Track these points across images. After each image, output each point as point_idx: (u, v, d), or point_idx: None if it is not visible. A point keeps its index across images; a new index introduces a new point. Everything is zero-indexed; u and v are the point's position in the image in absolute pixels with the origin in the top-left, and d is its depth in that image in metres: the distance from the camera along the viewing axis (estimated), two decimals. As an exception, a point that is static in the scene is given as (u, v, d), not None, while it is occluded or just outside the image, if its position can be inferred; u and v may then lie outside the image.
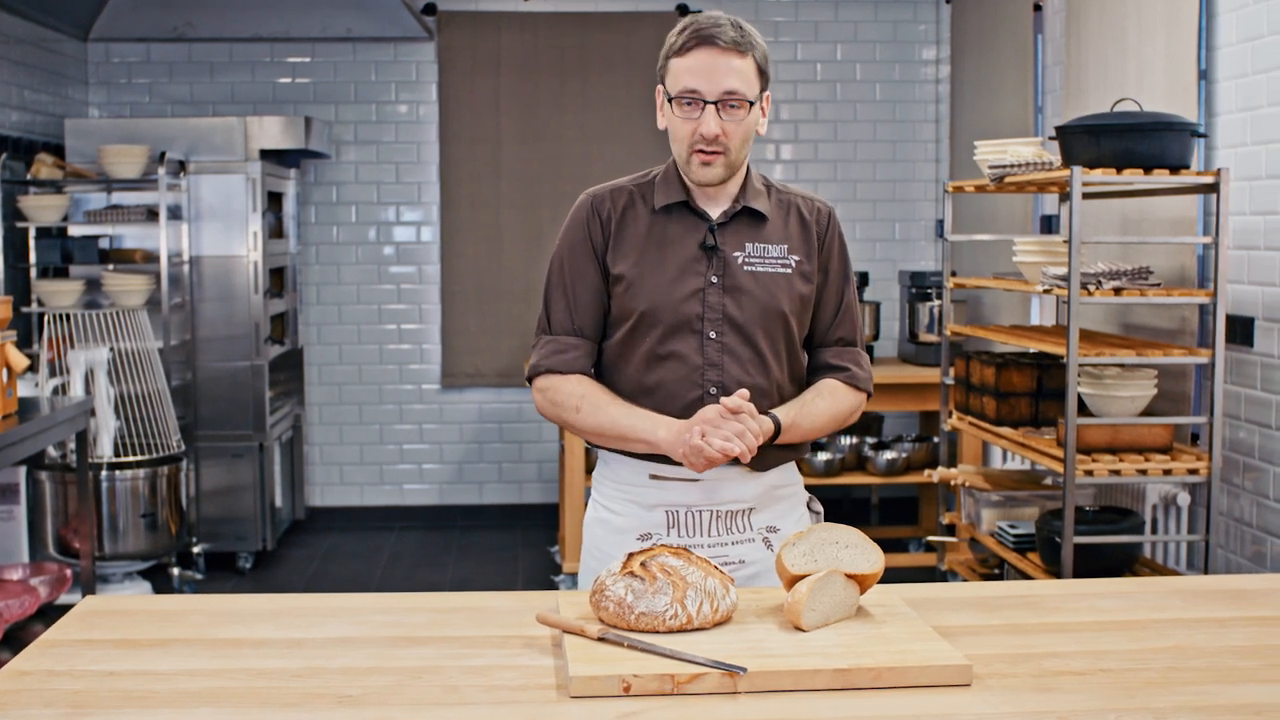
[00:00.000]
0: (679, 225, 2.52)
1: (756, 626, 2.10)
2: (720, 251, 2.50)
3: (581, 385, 2.52)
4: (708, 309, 2.48)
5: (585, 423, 2.50)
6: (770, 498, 2.58)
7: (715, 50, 2.40)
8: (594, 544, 2.62)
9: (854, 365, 2.62)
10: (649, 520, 2.54)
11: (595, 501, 2.65)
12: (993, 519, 4.74)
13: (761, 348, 2.50)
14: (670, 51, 2.46)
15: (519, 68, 7.19)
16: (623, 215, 2.54)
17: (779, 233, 2.55)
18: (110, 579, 5.62)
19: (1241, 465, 4.40)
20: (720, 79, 2.40)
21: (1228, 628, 2.18)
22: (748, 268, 2.50)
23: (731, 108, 2.42)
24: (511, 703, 1.86)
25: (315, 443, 7.36)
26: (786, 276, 2.52)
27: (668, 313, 2.48)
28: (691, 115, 2.43)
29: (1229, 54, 4.40)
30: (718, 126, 2.41)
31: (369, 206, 7.31)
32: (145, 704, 1.86)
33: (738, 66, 2.41)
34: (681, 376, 2.49)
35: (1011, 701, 1.87)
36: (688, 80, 2.41)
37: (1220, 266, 3.96)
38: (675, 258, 2.50)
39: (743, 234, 2.52)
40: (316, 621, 2.23)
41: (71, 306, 5.88)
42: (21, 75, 6.18)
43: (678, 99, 2.43)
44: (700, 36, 2.41)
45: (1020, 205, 5.95)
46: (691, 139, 2.44)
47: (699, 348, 2.49)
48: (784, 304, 2.51)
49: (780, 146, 7.39)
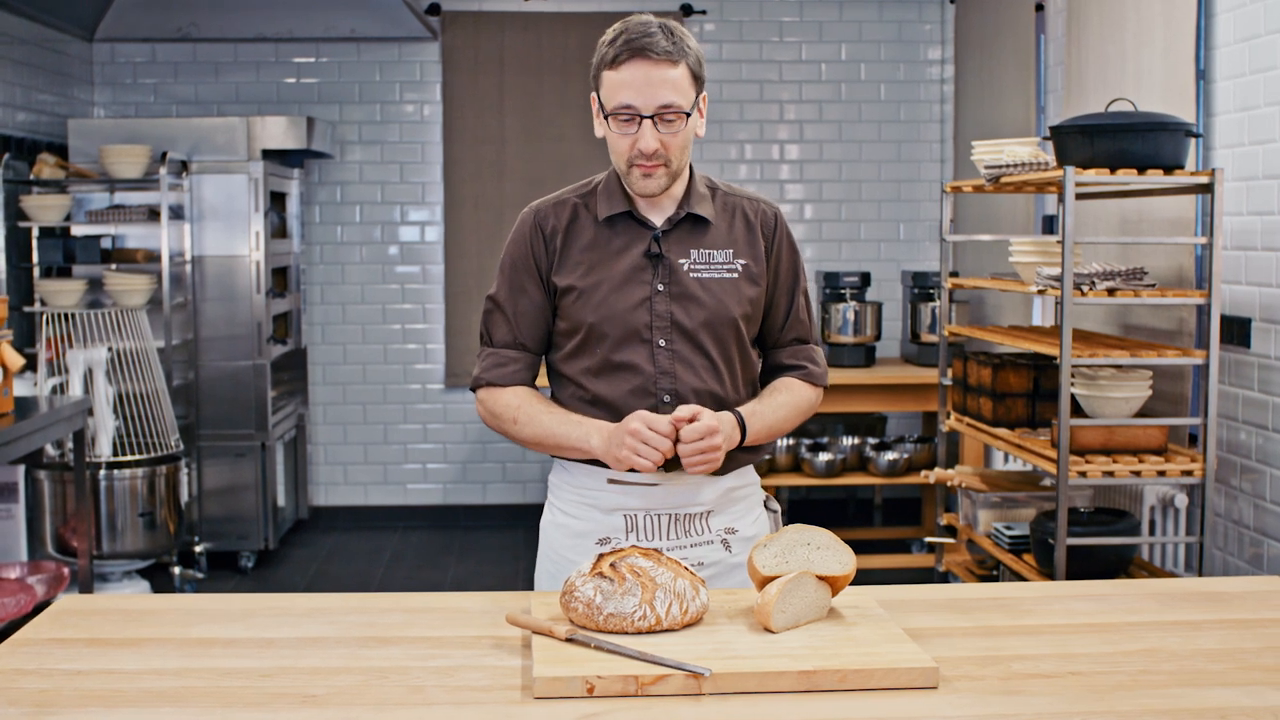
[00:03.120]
0: (623, 235, 2.51)
1: (726, 628, 2.10)
2: (665, 259, 2.49)
3: (518, 396, 2.53)
4: (656, 317, 2.48)
5: (523, 433, 2.51)
6: (728, 499, 2.58)
7: (648, 63, 2.36)
8: (550, 548, 2.63)
9: (809, 363, 2.64)
10: (607, 524, 2.54)
11: (552, 505, 2.65)
12: (989, 520, 4.72)
13: (712, 353, 2.50)
14: (603, 63, 2.41)
15: (523, 68, 7.19)
16: (567, 228, 2.53)
17: (724, 237, 2.54)
18: (109, 578, 5.63)
19: (1239, 467, 4.37)
20: (655, 93, 2.36)
21: (1201, 630, 2.17)
22: (694, 274, 2.50)
23: (668, 120, 2.38)
24: (474, 703, 1.86)
25: (319, 442, 7.37)
26: (734, 281, 2.51)
27: (616, 323, 2.48)
28: (628, 130, 2.39)
29: (1226, 54, 4.38)
30: (656, 141, 2.38)
31: (373, 206, 7.32)
32: (109, 703, 1.86)
33: (672, 77, 2.37)
34: (635, 386, 2.49)
35: (977, 704, 1.86)
36: (622, 95, 2.37)
37: (1215, 267, 3.94)
38: (621, 267, 2.49)
39: (687, 240, 2.51)
40: (289, 621, 2.23)
41: (74, 306, 5.90)
42: (26, 76, 6.20)
43: (614, 114, 2.39)
44: (632, 48, 2.36)
45: (1023, 206, 5.93)
46: (630, 153, 2.41)
47: (650, 357, 2.48)
48: (733, 308, 2.50)
49: (785, 146, 7.38)
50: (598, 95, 2.45)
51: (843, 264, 7.36)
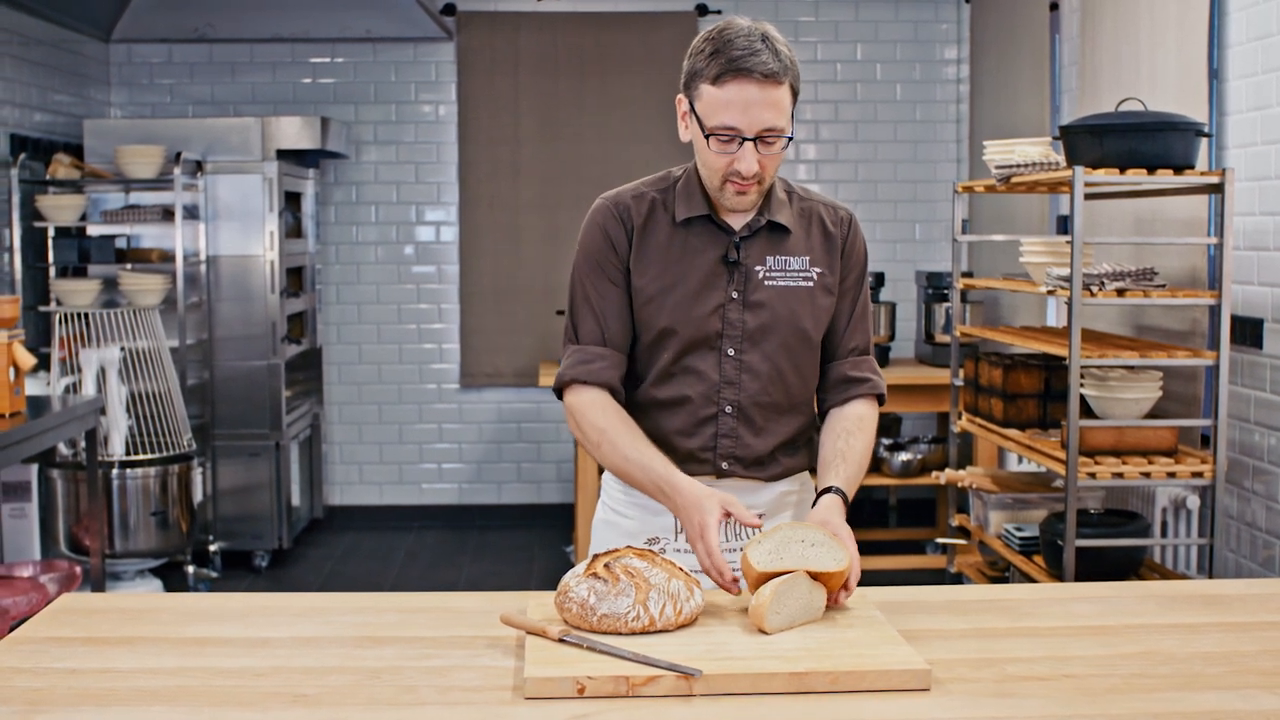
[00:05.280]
0: (700, 238, 2.43)
1: (720, 629, 2.09)
2: (742, 266, 2.42)
3: (605, 418, 2.43)
4: (728, 325, 2.42)
5: (605, 460, 2.44)
6: (780, 504, 2.54)
7: (753, 83, 2.24)
8: (602, 546, 2.57)
9: (872, 374, 2.55)
10: (657, 525, 2.50)
11: (604, 503, 2.61)
12: (1000, 521, 4.70)
13: (781, 364, 2.44)
14: (703, 76, 2.29)
15: (538, 68, 7.20)
16: (645, 223, 2.45)
17: (801, 245, 2.46)
18: (122, 577, 5.66)
19: (1251, 469, 4.35)
20: (758, 115, 2.26)
21: (1199, 633, 2.15)
22: (769, 282, 2.43)
23: (768, 142, 2.29)
24: (465, 704, 1.86)
25: (334, 442, 7.39)
26: (809, 290, 2.44)
27: (688, 328, 2.42)
28: (728, 150, 2.29)
29: (1239, 52, 4.35)
30: (756, 164, 2.30)
31: (389, 206, 7.34)
32: (102, 702, 1.87)
33: (775, 99, 2.26)
34: (698, 393, 2.44)
35: (969, 707, 1.85)
36: (725, 117, 2.27)
37: (1225, 267, 3.92)
38: (697, 272, 2.42)
39: (764, 247, 2.43)
40: (285, 621, 2.23)
41: (89, 306, 5.93)
42: (43, 76, 6.23)
43: (714, 134, 2.29)
44: (737, 68, 2.24)
45: (1038, 206, 5.91)
46: (727, 171, 2.32)
47: (717, 364, 2.43)
48: (805, 320, 2.44)
49: (801, 147, 7.36)
50: (692, 105, 2.33)
51: (858, 264, 7.32)
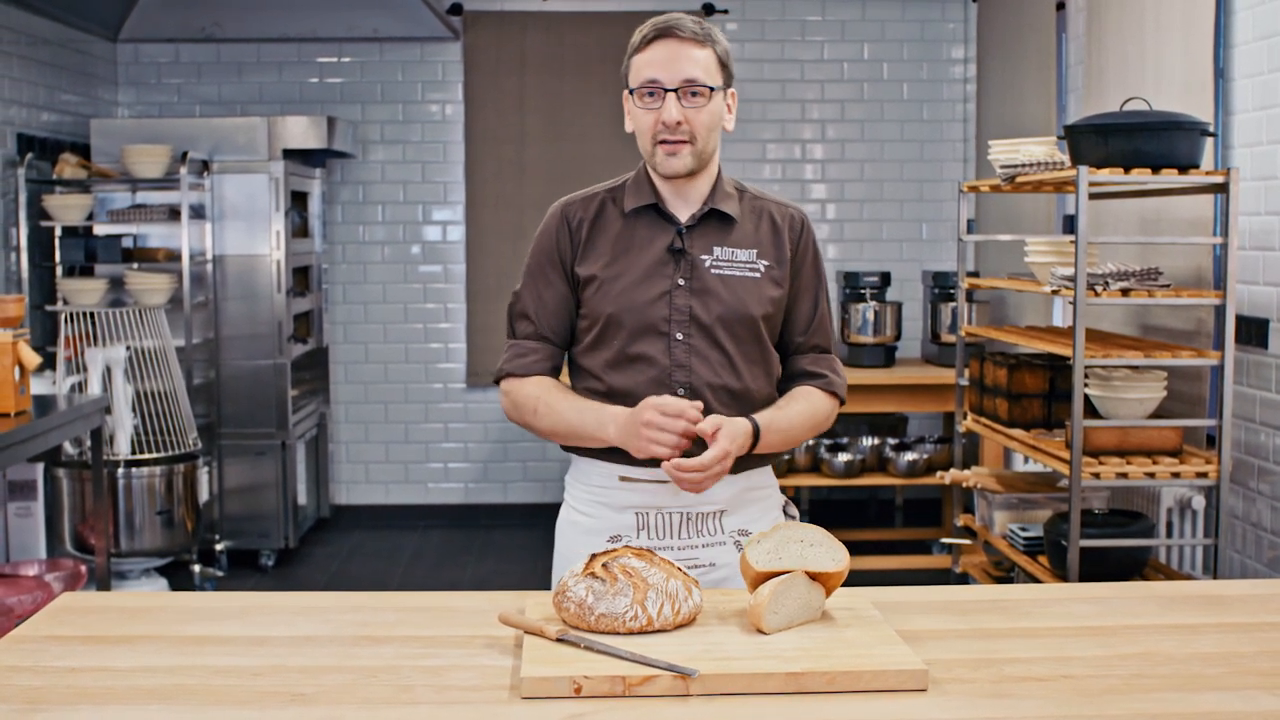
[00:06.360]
0: (648, 228, 2.53)
1: (718, 629, 2.09)
2: (688, 254, 2.50)
3: (539, 387, 2.53)
4: (675, 311, 2.49)
5: (543, 424, 2.52)
6: (742, 500, 2.57)
7: (675, 41, 2.43)
8: (565, 546, 2.63)
9: (830, 372, 2.62)
10: (619, 522, 2.54)
11: (567, 503, 2.65)
12: (1005, 522, 4.70)
13: (729, 350, 2.50)
14: (632, 50, 2.48)
15: (544, 67, 7.20)
16: (594, 221, 2.55)
17: (749, 237, 2.54)
18: (128, 575, 5.66)
19: (1256, 469, 4.33)
20: (680, 67, 2.42)
21: (1199, 634, 2.15)
22: (715, 271, 2.50)
23: (693, 95, 2.43)
24: (461, 703, 1.85)
25: (341, 441, 7.40)
26: (755, 280, 2.52)
27: (635, 315, 2.49)
28: (653, 106, 2.44)
29: (1245, 52, 4.34)
30: (679, 113, 2.42)
31: (395, 206, 7.35)
32: (100, 700, 1.87)
33: (698, 56, 2.43)
34: (650, 378, 2.49)
35: (966, 707, 1.84)
36: (648, 72, 2.43)
37: (1230, 267, 3.91)
38: (643, 260, 2.51)
39: (711, 237, 2.52)
40: (284, 620, 2.23)
41: (95, 305, 5.94)
42: (50, 76, 6.24)
43: (639, 91, 2.45)
44: (659, 30, 2.44)
45: (1044, 205, 5.90)
46: (654, 129, 2.45)
47: (666, 349, 2.49)
48: (753, 307, 2.50)
49: (808, 146, 7.36)
50: (627, 84, 2.50)
51: (865, 264, 7.33)
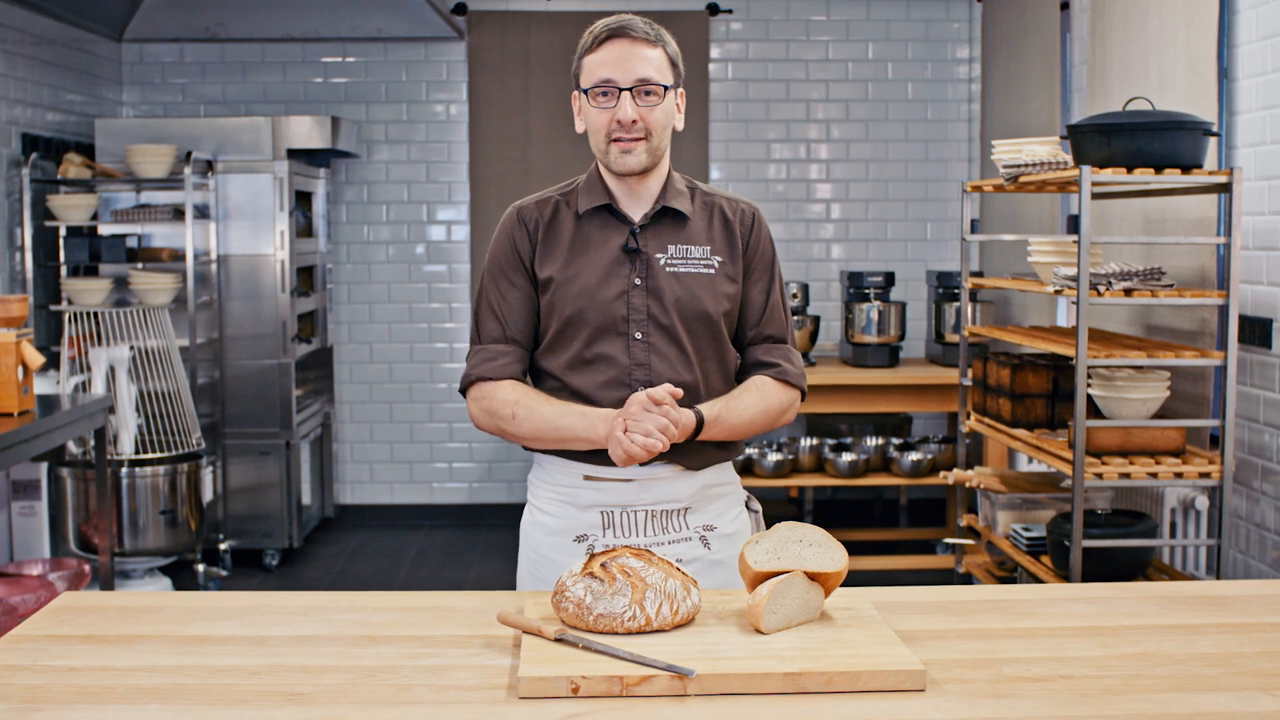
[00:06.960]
0: (602, 229, 2.55)
1: (717, 629, 2.09)
2: (642, 253, 2.52)
3: (515, 391, 2.52)
4: (632, 310, 2.50)
5: (522, 428, 2.50)
6: (705, 496, 2.58)
7: (627, 41, 2.47)
8: (530, 546, 2.64)
9: (784, 361, 2.62)
10: (584, 521, 2.54)
11: (531, 504, 2.65)
12: (1008, 522, 4.69)
13: (687, 347, 2.52)
14: (583, 51, 2.51)
15: (549, 67, 7.20)
16: (549, 223, 2.57)
17: (702, 234, 2.57)
18: (131, 575, 5.67)
19: (1260, 469, 4.33)
20: (634, 67, 2.45)
21: (1199, 634, 2.15)
22: (670, 269, 2.52)
23: (646, 94, 2.46)
24: (459, 702, 1.86)
25: (346, 441, 7.40)
26: (710, 277, 2.54)
27: (593, 315, 2.50)
28: (607, 105, 2.47)
29: (1249, 51, 4.33)
30: (635, 112, 2.45)
31: (400, 206, 7.35)
32: (99, 699, 1.88)
33: (650, 56, 2.47)
34: (610, 378, 2.50)
35: (964, 707, 1.84)
36: (601, 71, 2.46)
37: (1233, 267, 3.90)
38: (599, 261, 2.52)
39: (665, 236, 2.55)
40: (284, 619, 2.24)
41: (100, 305, 5.95)
42: (55, 76, 6.25)
43: (593, 91, 2.47)
44: (612, 30, 2.47)
45: (1048, 205, 5.89)
46: (609, 128, 2.47)
47: (625, 349, 2.51)
48: (708, 304, 2.52)
49: (813, 146, 7.35)
50: (577, 85, 2.53)
51: (870, 263, 7.33)
